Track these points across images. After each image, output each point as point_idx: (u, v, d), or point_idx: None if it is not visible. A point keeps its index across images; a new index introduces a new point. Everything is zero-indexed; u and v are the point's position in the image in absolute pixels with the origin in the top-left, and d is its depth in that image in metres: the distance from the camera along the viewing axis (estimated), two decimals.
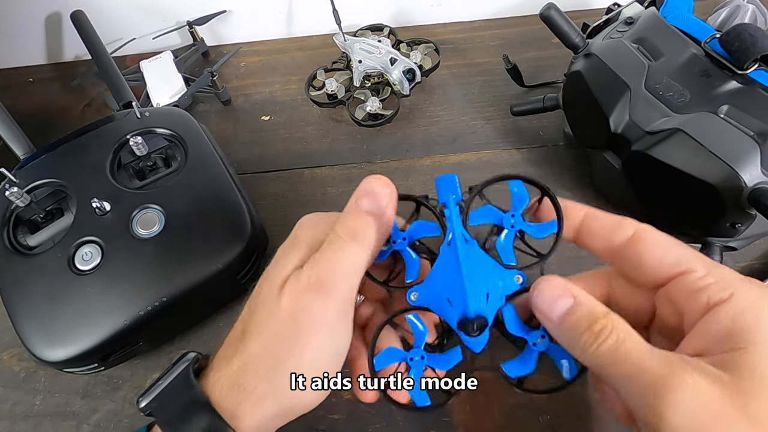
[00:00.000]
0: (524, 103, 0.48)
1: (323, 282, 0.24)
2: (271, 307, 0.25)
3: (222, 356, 0.26)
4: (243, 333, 0.25)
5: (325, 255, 0.25)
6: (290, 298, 0.24)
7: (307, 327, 0.24)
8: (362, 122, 0.50)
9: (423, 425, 0.35)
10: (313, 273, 0.24)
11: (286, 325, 0.24)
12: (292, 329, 0.24)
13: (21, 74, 0.63)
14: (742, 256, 0.39)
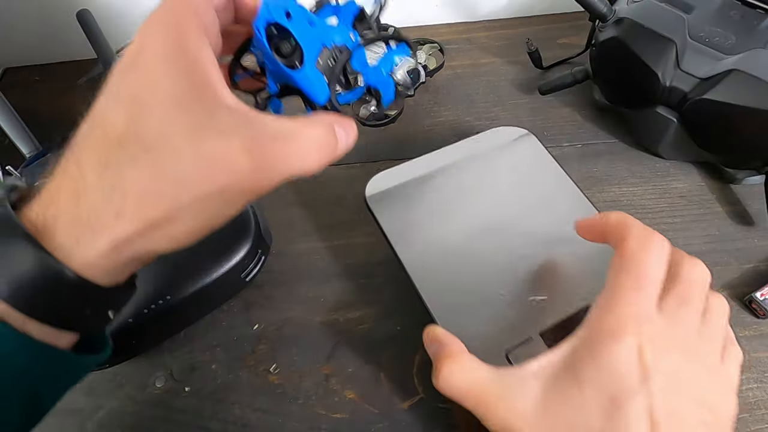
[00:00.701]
0: (551, 80, 0.49)
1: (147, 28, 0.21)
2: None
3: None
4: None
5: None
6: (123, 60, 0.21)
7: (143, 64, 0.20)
8: (366, 122, 0.50)
9: (425, 425, 0.35)
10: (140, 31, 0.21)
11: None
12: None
13: (27, 73, 0.63)
14: (747, 258, 0.39)
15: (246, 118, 0.21)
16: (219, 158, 0.20)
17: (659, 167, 0.45)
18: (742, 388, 0.34)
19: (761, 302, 0.36)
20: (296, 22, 0.24)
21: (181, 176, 0.20)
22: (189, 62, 0.20)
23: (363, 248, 0.43)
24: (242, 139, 0.20)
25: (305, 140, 0.22)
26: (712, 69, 0.38)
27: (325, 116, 0.24)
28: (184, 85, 0.20)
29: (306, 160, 0.22)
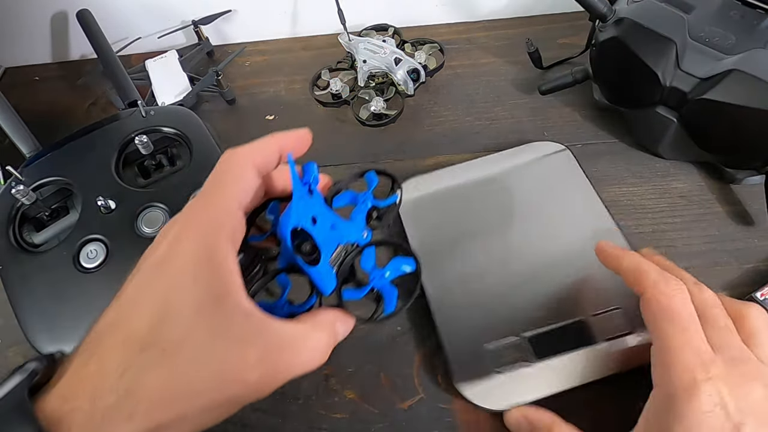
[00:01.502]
0: (551, 80, 0.49)
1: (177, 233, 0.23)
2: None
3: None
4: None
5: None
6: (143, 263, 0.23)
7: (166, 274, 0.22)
8: (366, 122, 0.50)
9: (425, 424, 0.35)
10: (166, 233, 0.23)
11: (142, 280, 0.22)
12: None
13: (27, 73, 0.63)
14: (747, 258, 0.39)
15: (260, 326, 0.22)
16: (233, 369, 0.21)
17: (659, 167, 0.45)
18: None
19: (761, 302, 0.36)
20: (320, 226, 0.27)
21: (194, 384, 0.21)
22: (215, 270, 0.22)
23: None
24: (256, 350, 0.21)
25: (310, 347, 0.24)
26: (712, 69, 0.38)
27: (328, 315, 0.26)
28: (208, 293, 0.21)
29: (310, 364, 0.24)
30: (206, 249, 0.22)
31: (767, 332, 0.29)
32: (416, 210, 0.43)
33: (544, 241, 0.39)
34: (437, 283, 0.38)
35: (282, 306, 0.28)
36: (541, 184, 0.43)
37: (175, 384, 0.20)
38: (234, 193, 0.24)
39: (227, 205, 0.24)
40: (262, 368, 0.22)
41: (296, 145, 0.28)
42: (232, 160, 0.25)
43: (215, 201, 0.24)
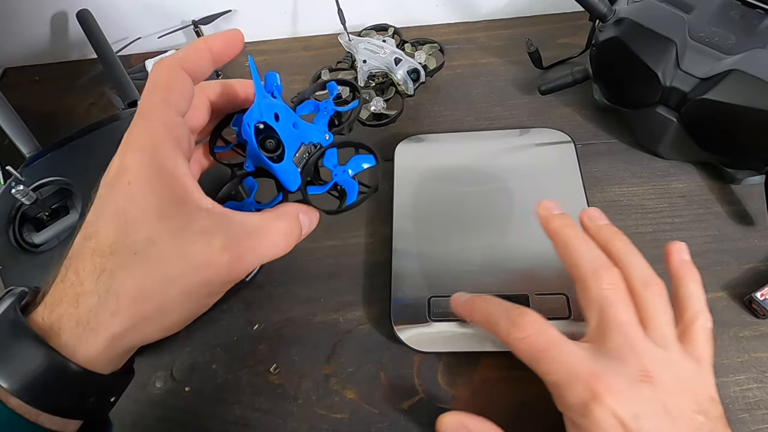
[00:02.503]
0: (551, 80, 0.49)
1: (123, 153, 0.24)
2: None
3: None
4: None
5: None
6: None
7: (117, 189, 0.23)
8: (366, 122, 0.50)
9: (425, 425, 0.35)
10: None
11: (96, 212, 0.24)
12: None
13: (27, 73, 0.63)
14: (747, 258, 0.39)
15: (222, 218, 0.24)
16: (201, 256, 0.23)
17: (659, 167, 0.45)
18: (742, 388, 0.34)
19: (761, 302, 0.36)
20: (283, 123, 0.28)
21: (167, 275, 0.22)
22: (168, 177, 0.23)
23: (363, 248, 0.43)
24: (221, 238, 0.23)
25: (273, 233, 0.26)
26: (712, 69, 0.38)
27: (291, 207, 0.28)
28: (165, 197, 0.23)
29: (275, 249, 0.26)
30: (155, 159, 0.23)
31: (664, 312, 0.30)
32: (407, 170, 0.46)
33: (517, 218, 0.42)
34: (406, 238, 0.41)
35: (249, 205, 0.29)
36: (534, 166, 0.45)
37: (149, 277, 0.22)
38: (169, 101, 0.25)
39: (164, 114, 0.24)
40: (229, 253, 0.23)
41: (226, 46, 0.28)
42: (161, 69, 0.25)
43: (152, 113, 0.24)
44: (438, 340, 0.37)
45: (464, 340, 0.36)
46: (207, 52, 0.27)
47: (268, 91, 0.29)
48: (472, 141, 0.47)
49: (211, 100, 0.29)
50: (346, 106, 0.32)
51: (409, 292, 0.39)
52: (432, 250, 0.41)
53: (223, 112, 0.30)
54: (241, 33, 0.29)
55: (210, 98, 0.29)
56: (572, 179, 0.43)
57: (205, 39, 0.27)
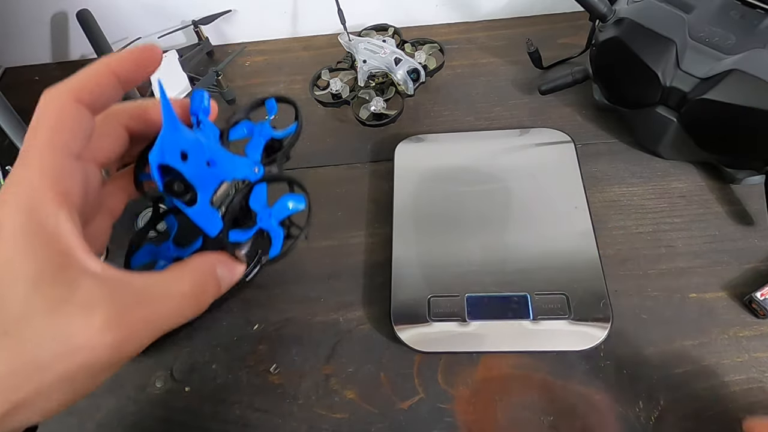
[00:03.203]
0: (551, 80, 0.49)
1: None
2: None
3: None
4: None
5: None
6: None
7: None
8: (366, 122, 0.50)
9: (425, 425, 0.35)
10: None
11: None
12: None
13: (27, 73, 0.63)
14: (747, 257, 0.39)
15: (112, 285, 0.21)
16: (79, 336, 0.20)
17: (659, 167, 0.45)
18: (742, 388, 0.34)
19: (761, 302, 0.36)
20: (192, 163, 0.24)
21: (40, 360, 0.20)
22: (46, 238, 0.20)
23: (363, 248, 0.43)
24: (104, 313, 0.20)
25: (177, 298, 0.22)
26: (712, 69, 0.38)
27: (205, 259, 0.24)
28: (43, 261, 0.20)
29: (178, 316, 0.22)
30: (33, 217, 0.20)
31: None
32: (407, 170, 0.46)
33: (517, 218, 0.41)
34: (406, 238, 0.41)
35: (167, 249, 0.27)
36: (534, 166, 0.45)
37: (20, 362, 0.19)
38: (54, 142, 0.21)
39: (47, 159, 0.21)
40: (113, 331, 0.20)
41: (133, 67, 0.24)
42: (47, 102, 0.22)
43: (33, 158, 0.21)
44: (438, 340, 0.37)
45: (464, 340, 0.36)
46: (109, 76, 0.23)
47: (193, 113, 0.26)
48: (472, 141, 0.47)
49: (128, 126, 0.26)
50: (284, 130, 0.29)
51: (409, 292, 0.39)
52: (432, 250, 0.41)
53: (148, 137, 0.26)
54: (157, 48, 0.25)
55: (125, 124, 0.25)
56: (572, 179, 0.43)
57: (108, 61, 0.23)
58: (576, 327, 0.36)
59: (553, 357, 0.36)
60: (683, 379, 0.35)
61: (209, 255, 0.25)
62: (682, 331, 0.37)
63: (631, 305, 0.38)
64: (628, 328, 0.37)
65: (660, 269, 0.39)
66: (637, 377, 0.35)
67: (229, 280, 0.25)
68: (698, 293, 0.38)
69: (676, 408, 0.34)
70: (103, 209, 0.26)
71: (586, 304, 0.36)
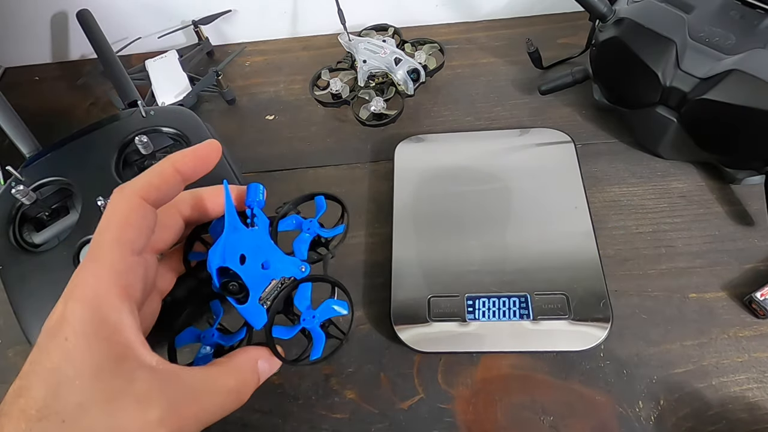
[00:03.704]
0: (551, 80, 0.49)
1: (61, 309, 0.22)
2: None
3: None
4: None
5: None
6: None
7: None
8: (366, 122, 0.50)
9: (425, 425, 0.35)
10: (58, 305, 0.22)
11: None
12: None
13: (27, 73, 0.63)
14: (747, 258, 0.39)
15: (165, 379, 0.22)
16: (133, 430, 0.21)
17: (659, 167, 0.45)
18: (742, 388, 0.34)
19: (761, 302, 0.36)
20: (249, 266, 0.26)
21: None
22: (108, 332, 0.21)
23: (363, 248, 0.43)
24: (159, 408, 0.21)
25: (222, 394, 0.24)
26: (712, 69, 0.38)
27: (248, 355, 0.26)
28: (103, 355, 0.21)
29: (222, 411, 0.24)
30: (97, 313, 0.22)
31: None
32: (407, 170, 0.46)
33: (517, 218, 0.41)
34: (406, 238, 0.41)
35: (211, 335, 0.28)
36: (534, 166, 0.45)
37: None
38: (122, 240, 0.23)
39: (114, 256, 0.23)
40: (168, 425, 0.21)
41: (197, 165, 0.26)
42: (118, 201, 0.24)
43: (102, 256, 0.23)
44: (438, 340, 0.37)
45: (464, 340, 0.36)
46: (174, 174, 0.25)
47: (248, 206, 0.27)
48: (472, 141, 0.47)
49: (184, 215, 0.27)
50: (332, 230, 0.30)
51: (409, 292, 0.39)
52: (432, 250, 0.41)
53: (200, 222, 0.28)
54: (217, 144, 0.26)
55: (183, 213, 0.27)
56: (572, 179, 0.43)
57: (173, 160, 0.25)
58: (576, 327, 0.36)
59: (553, 357, 0.36)
60: (683, 379, 0.35)
61: (252, 351, 0.26)
62: (682, 331, 0.37)
63: (631, 305, 0.38)
64: (628, 328, 0.37)
65: (660, 269, 0.39)
66: (637, 377, 0.35)
67: (268, 374, 0.27)
68: (698, 293, 0.38)
69: (676, 408, 0.34)
70: (154, 289, 0.27)
71: (586, 304, 0.36)
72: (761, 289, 0.37)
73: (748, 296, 0.37)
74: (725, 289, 0.38)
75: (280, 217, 0.29)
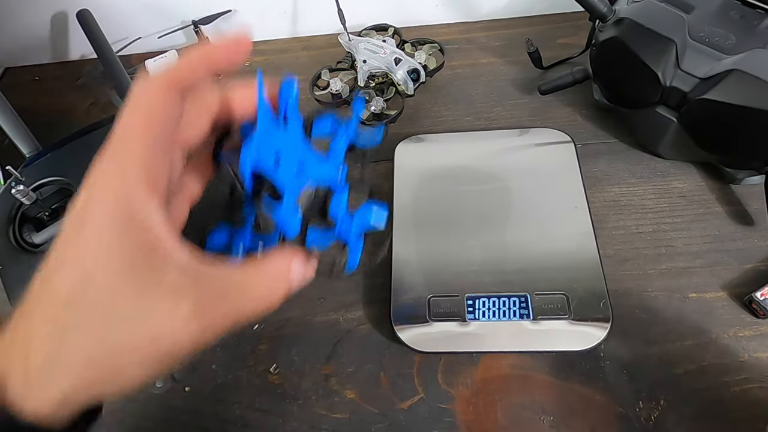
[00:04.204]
0: (551, 80, 0.49)
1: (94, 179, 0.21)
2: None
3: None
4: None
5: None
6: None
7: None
8: (366, 122, 0.50)
9: (425, 425, 0.35)
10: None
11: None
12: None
13: (27, 73, 0.63)
14: (747, 258, 0.39)
15: (197, 275, 0.21)
16: (165, 322, 0.20)
17: (659, 167, 0.45)
18: (742, 388, 0.34)
19: (761, 302, 0.36)
20: (285, 168, 0.24)
21: (124, 342, 0.20)
22: (137, 228, 0.20)
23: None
24: (190, 302, 0.20)
25: (254, 294, 0.23)
26: (712, 69, 0.38)
27: (283, 257, 0.24)
28: (133, 246, 0.20)
29: (253, 311, 0.22)
30: (123, 206, 0.20)
31: None
32: (407, 170, 0.46)
33: (517, 218, 0.42)
34: (406, 238, 0.41)
35: (244, 234, 0.26)
36: (534, 166, 0.45)
37: (102, 343, 0.20)
38: (147, 130, 0.21)
39: (141, 144, 0.21)
40: (198, 321, 0.20)
41: (227, 55, 0.24)
42: (145, 88, 0.22)
43: (128, 141, 0.21)
44: (438, 340, 0.37)
45: (464, 340, 0.36)
46: (203, 65, 0.23)
47: (281, 103, 0.25)
48: (471, 141, 0.47)
49: (213, 114, 0.25)
50: (369, 134, 0.27)
51: (409, 292, 0.39)
52: (432, 250, 0.41)
53: (228, 124, 0.27)
54: (248, 36, 0.24)
55: (211, 112, 0.25)
56: (572, 179, 0.43)
57: (203, 50, 0.23)
58: (576, 327, 0.36)
59: (553, 357, 0.36)
60: (683, 379, 0.35)
61: (286, 255, 0.24)
62: (682, 331, 0.36)
63: (631, 305, 0.38)
64: (628, 328, 0.37)
65: (660, 269, 0.39)
66: (637, 377, 0.35)
67: (300, 282, 0.25)
68: (698, 293, 0.38)
69: (676, 408, 0.34)
70: (182, 193, 0.26)
71: (586, 304, 0.36)
72: (761, 289, 0.37)
73: (748, 296, 0.37)
74: (725, 289, 0.38)
75: (316, 116, 0.26)
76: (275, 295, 0.23)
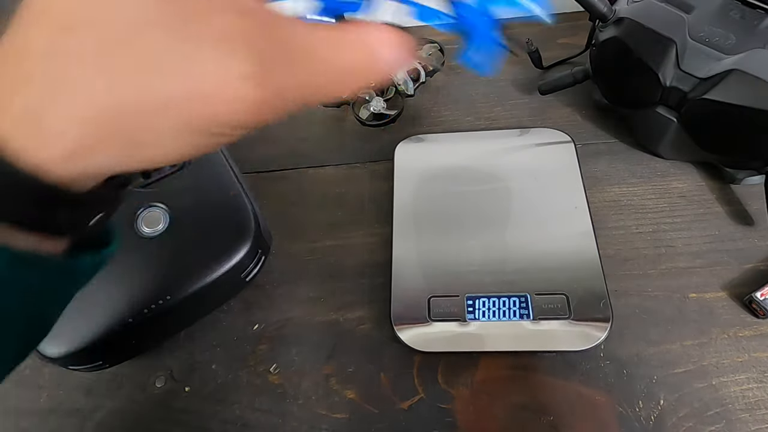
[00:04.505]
0: (551, 80, 0.49)
1: None
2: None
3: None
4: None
5: None
6: None
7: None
8: (366, 122, 0.50)
9: (425, 425, 0.35)
10: None
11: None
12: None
13: None
14: (747, 258, 0.39)
15: (257, 23, 0.15)
16: (213, 80, 0.14)
17: (659, 167, 0.45)
18: (742, 388, 0.34)
19: (761, 302, 0.36)
20: None
21: (148, 94, 0.14)
22: None
23: (363, 248, 0.43)
24: (244, 59, 0.15)
25: (332, 67, 0.17)
26: (712, 69, 0.38)
27: (374, 34, 0.18)
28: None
29: (328, 91, 0.17)
30: None
31: None
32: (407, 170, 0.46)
33: (517, 218, 0.42)
34: (406, 238, 0.41)
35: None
36: (534, 166, 0.45)
37: (116, 88, 0.14)
38: None
39: None
40: (260, 82, 0.15)
41: None
42: None
43: None
44: (438, 340, 0.37)
45: (464, 340, 0.36)
46: None
47: None
48: (472, 141, 0.47)
49: None
50: None
51: (409, 292, 0.39)
52: (432, 250, 0.41)
53: None
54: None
55: None
56: (572, 179, 0.43)
57: None
58: (576, 327, 0.36)
59: (553, 357, 0.36)
60: (683, 379, 0.35)
61: (378, 29, 0.18)
62: (682, 331, 0.37)
63: (631, 305, 0.38)
64: (628, 328, 0.37)
65: (660, 269, 0.39)
66: (637, 377, 0.35)
67: (389, 65, 0.18)
68: (698, 293, 0.38)
69: (676, 408, 0.34)
70: None
71: (586, 304, 0.36)
72: (761, 289, 0.37)
73: (748, 296, 0.37)
74: (725, 289, 0.38)
75: None
76: (356, 71, 0.18)
